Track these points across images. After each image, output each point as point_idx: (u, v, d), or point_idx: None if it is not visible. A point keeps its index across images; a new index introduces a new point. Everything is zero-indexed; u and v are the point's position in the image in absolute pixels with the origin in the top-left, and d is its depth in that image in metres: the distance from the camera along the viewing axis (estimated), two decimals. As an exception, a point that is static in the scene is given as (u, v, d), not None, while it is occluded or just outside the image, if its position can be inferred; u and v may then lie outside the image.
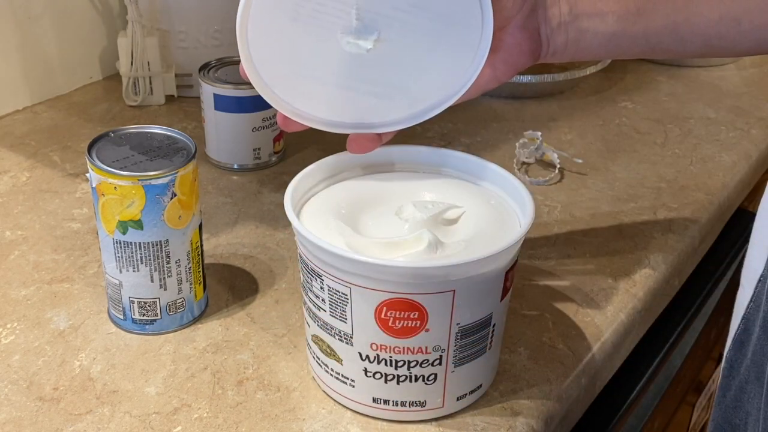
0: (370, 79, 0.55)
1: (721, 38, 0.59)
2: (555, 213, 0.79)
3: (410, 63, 0.55)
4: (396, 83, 0.56)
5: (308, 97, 0.56)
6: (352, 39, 0.53)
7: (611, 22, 0.58)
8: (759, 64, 1.15)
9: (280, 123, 0.57)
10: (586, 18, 0.58)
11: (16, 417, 0.55)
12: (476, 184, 0.60)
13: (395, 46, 0.54)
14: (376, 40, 0.53)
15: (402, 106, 0.57)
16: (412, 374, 0.53)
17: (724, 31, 0.59)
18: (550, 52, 0.59)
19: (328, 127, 0.57)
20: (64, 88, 0.98)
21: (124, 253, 0.59)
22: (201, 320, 0.64)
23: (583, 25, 0.58)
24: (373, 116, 0.57)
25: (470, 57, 0.55)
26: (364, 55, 0.54)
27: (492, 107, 1.00)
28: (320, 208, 0.56)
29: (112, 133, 0.61)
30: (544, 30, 0.58)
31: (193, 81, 0.97)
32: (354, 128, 0.58)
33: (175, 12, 0.94)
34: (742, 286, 0.62)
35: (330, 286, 0.52)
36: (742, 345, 0.57)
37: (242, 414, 0.56)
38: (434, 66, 0.55)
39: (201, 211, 0.62)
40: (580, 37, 0.59)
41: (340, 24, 0.53)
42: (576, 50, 0.59)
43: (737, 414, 0.57)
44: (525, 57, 0.59)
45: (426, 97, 0.56)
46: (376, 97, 0.56)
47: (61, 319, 0.63)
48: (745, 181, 0.89)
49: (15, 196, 0.79)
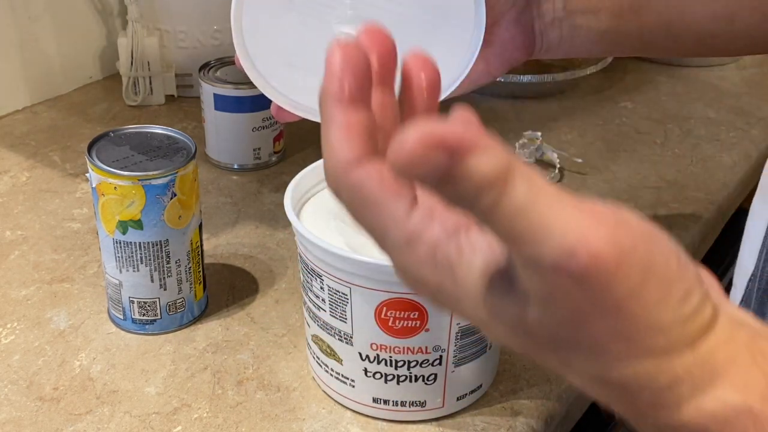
0: None
1: (714, 36, 0.59)
2: (555, 213, 0.79)
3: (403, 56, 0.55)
4: None
5: (303, 87, 0.56)
6: (347, 29, 0.53)
7: (605, 18, 0.58)
8: (759, 64, 1.15)
9: (274, 113, 0.57)
10: (579, 14, 0.58)
11: (16, 417, 0.55)
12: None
13: None
14: None
15: None
16: (412, 374, 0.53)
17: (718, 29, 0.59)
18: (543, 48, 0.59)
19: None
20: (63, 88, 0.98)
21: (124, 253, 0.59)
22: (201, 320, 0.64)
23: (576, 22, 0.58)
24: None
25: (463, 51, 0.54)
26: None
27: (492, 107, 1.00)
28: (320, 208, 0.56)
29: (112, 133, 0.61)
30: (537, 25, 0.58)
31: (193, 81, 0.97)
32: None
33: (175, 12, 0.94)
34: (735, 285, 0.63)
35: (330, 286, 0.52)
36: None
37: (242, 414, 0.56)
38: None
39: (201, 211, 0.62)
40: (574, 34, 0.59)
41: (334, 14, 0.53)
42: (569, 46, 0.59)
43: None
44: (518, 52, 0.58)
45: None
46: None
47: (61, 319, 0.63)
48: (745, 181, 0.89)
49: (15, 196, 0.79)
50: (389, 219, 0.32)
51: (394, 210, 0.32)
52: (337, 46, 0.33)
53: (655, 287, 0.29)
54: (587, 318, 0.29)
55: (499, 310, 0.31)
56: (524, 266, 0.29)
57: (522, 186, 0.28)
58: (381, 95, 0.37)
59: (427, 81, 0.37)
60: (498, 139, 0.28)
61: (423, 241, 0.32)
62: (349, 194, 0.33)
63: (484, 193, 0.27)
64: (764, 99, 1.05)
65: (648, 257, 0.29)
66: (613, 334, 0.29)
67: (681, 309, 0.29)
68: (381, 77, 0.36)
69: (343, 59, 0.33)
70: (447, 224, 0.32)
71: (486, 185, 0.27)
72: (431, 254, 0.32)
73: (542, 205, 0.28)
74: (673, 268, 0.30)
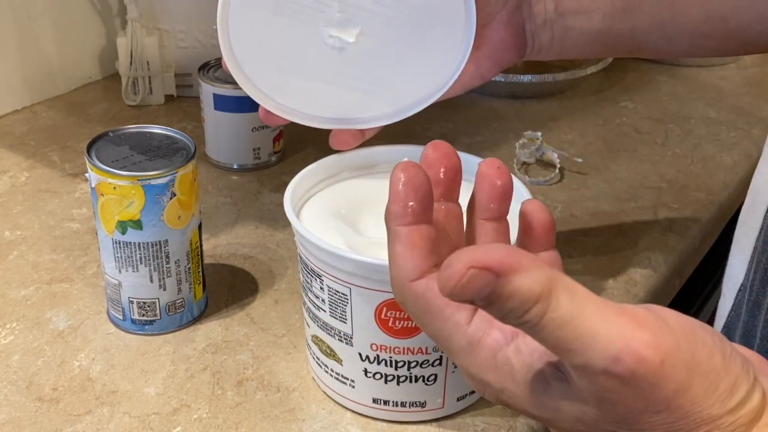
0: (353, 75, 0.55)
1: (708, 37, 0.59)
2: (555, 213, 0.79)
3: (393, 58, 0.55)
4: (379, 79, 0.55)
5: (290, 91, 0.56)
6: (335, 32, 0.53)
7: (597, 19, 0.58)
8: (760, 63, 1.15)
9: (262, 117, 0.57)
10: (571, 15, 0.58)
11: (16, 417, 0.55)
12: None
13: (378, 40, 0.54)
14: (359, 34, 0.53)
15: (385, 102, 0.56)
16: (412, 375, 0.53)
17: (711, 29, 0.58)
18: (535, 50, 0.59)
19: (310, 122, 0.57)
20: (63, 88, 0.98)
21: (123, 254, 0.59)
22: (200, 320, 0.64)
23: (568, 23, 0.58)
24: (356, 112, 0.57)
25: (454, 53, 0.54)
26: (347, 49, 0.54)
27: (492, 107, 1.00)
28: (320, 208, 0.56)
29: (112, 133, 0.61)
30: (528, 27, 0.58)
31: (193, 81, 0.96)
32: (336, 123, 0.57)
33: (174, 12, 0.94)
34: (723, 295, 0.62)
35: (330, 287, 0.51)
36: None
37: (242, 414, 0.55)
38: (417, 62, 0.55)
39: (201, 211, 0.62)
40: (566, 35, 0.58)
41: (322, 17, 0.53)
42: (561, 48, 0.59)
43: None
44: (509, 54, 0.58)
45: (409, 94, 0.56)
46: (359, 93, 0.56)
47: (60, 319, 0.63)
48: (745, 181, 0.89)
49: (14, 196, 0.79)
50: (452, 326, 0.36)
51: (455, 318, 0.36)
52: (401, 168, 0.38)
53: (701, 382, 0.31)
54: (641, 415, 0.32)
55: (559, 410, 0.34)
56: (576, 372, 0.32)
57: (565, 299, 0.30)
58: (446, 206, 0.41)
59: (543, 223, 0.41)
60: (538, 263, 0.31)
61: (483, 346, 0.36)
62: (413, 304, 0.37)
63: (530, 310, 0.30)
64: (765, 99, 1.05)
65: (691, 354, 0.31)
66: (667, 428, 0.32)
67: (729, 400, 0.32)
68: (447, 190, 0.42)
69: (406, 181, 0.37)
70: (505, 329, 0.36)
71: (530, 302, 0.30)
72: (492, 358, 0.36)
73: (586, 316, 0.30)
74: (717, 361, 0.32)
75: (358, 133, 0.58)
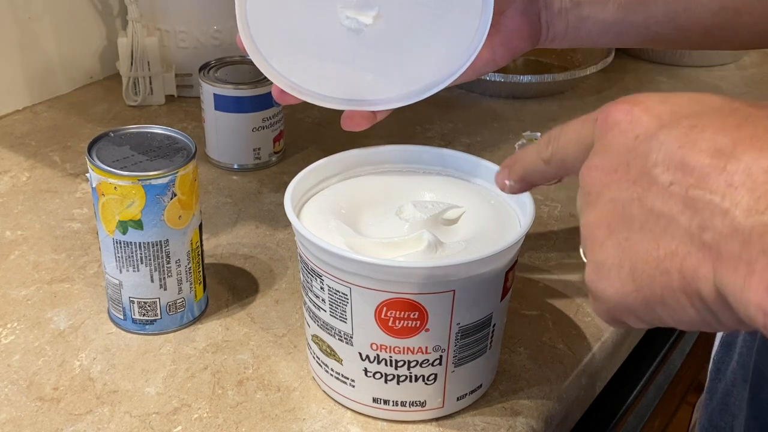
0: (368, 56, 0.55)
1: (721, 29, 0.59)
2: (555, 213, 0.79)
3: (408, 41, 0.55)
4: (393, 61, 0.55)
5: (305, 70, 0.56)
6: (352, 14, 0.53)
7: (612, 9, 0.58)
8: (759, 63, 1.15)
9: (275, 95, 0.57)
10: (587, 5, 0.58)
11: (16, 417, 0.55)
12: (476, 183, 0.60)
13: (394, 23, 0.54)
14: (376, 16, 0.53)
15: (398, 84, 0.57)
16: (412, 374, 0.53)
17: (724, 21, 0.58)
18: (549, 38, 0.59)
19: (323, 102, 0.57)
20: (64, 88, 0.98)
21: (124, 253, 0.59)
22: (201, 320, 0.64)
23: (584, 12, 0.58)
24: (369, 93, 0.57)
25: (469, 39, 0.54)
26: (363, 31, 0.54)
27: (492, 107, 1.00)
28: (320, 208, 0.56)
29: (112, 133, 0.61)
30: (544, 15, 0.58)
31: (193, 81, 0.97)
32: (349, 104, 0.57)
33: (175, 12, 0.94)
34: None
35: (330, 286, 0.52)
36: (729, 347, 0.57)
37: (242, 414, 0.56)
38: (432, 46, 0.55)
39: (201, 211, 0.62)
40: (581, 24, 0.59)
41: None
42: (576, 37, 0.59)
43: (723, 417, 0.57)
44: (524, 41, 0.58)
45: (422, 77, 0.56)
46: (373, 74, 0.56)
47: (61, 319, 0.63)
48: (745, 181, 0.89)
49: (15, 196, 0.79)
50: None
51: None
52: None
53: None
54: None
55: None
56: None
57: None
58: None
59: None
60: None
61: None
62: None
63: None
64: (764, 99, 1.04)
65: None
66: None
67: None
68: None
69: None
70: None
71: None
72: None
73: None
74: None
75: (371, 114, 0.58)
